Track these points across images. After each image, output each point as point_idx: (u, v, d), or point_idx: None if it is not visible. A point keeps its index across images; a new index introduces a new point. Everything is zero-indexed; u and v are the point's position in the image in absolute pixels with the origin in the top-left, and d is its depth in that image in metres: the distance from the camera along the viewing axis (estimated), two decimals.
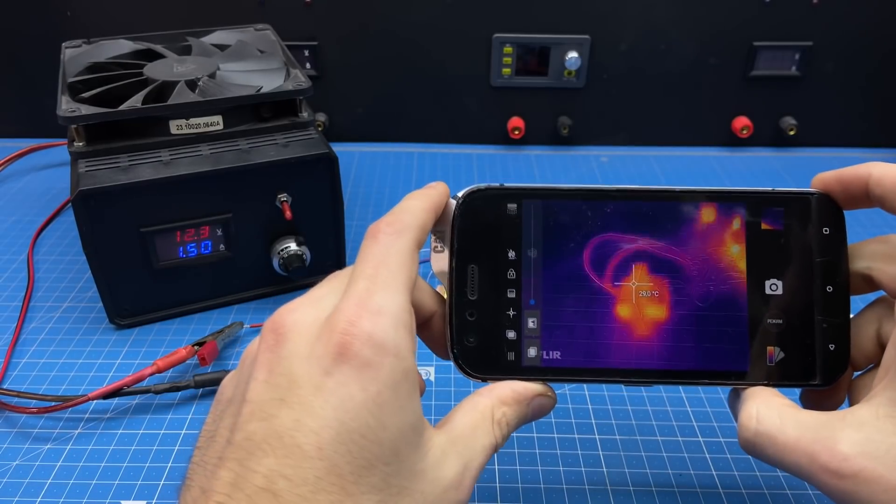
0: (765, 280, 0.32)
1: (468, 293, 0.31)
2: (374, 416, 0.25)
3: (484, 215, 0.32)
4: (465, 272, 0.31)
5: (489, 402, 0.30)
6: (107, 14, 0.74)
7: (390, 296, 0.26)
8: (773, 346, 0.31)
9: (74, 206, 0.47)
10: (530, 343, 0.31)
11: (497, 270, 0.31)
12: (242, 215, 0.52)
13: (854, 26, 0.75)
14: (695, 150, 0.82)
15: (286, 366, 0.26)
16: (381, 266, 0.27)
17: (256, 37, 0.64)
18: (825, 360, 0.31)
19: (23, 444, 0.44)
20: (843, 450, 0.26)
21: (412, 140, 0.82)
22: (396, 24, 0.75)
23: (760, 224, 0.32)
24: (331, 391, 0.25)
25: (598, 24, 0.75)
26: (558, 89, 0.78)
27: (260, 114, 0.54)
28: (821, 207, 0.32)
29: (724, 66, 0.77)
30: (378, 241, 0.28)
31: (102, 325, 0.53)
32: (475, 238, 0.31)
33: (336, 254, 0.57)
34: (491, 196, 0.32)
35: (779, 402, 0.30)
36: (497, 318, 0.31)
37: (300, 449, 0.24)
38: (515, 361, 0.31)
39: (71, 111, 0.49)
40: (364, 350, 0.25)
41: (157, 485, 0.41)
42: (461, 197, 0.32)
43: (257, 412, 0.25)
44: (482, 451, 0.28)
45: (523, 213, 0.32)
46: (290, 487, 0.23)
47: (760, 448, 0.29)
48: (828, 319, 0.31)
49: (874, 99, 0.79)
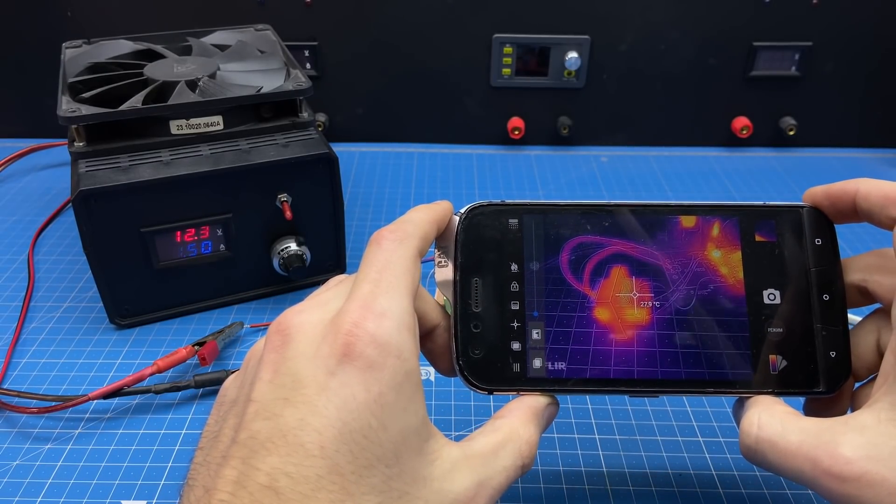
0: (763, 290, 0.32)
1: (473, 305, 0.32)
2: (375, 416, 0.25)
3: (486, 230, 0.32)
4: (470, 285, 0.32)
5: (512, 425, 0.30)
6: (107, 14, 0.74)
7: (394, 299, 0.27)
8: (775, 355, 0.32)
9: (75, 206, 0.47)
10: (535, 354, 0.32)
11: (500, 283, 0.32)
12: (242, 215, 0.52)
13: (854, 26, 0.75)
14: (695, 150, 0.82)
15: (291, 366, 0.26)
16: (385, 271, 0.28)
17: (256, 37, 0.64)
18: (827, 368, 0.32)
19: (23, 443, 0.44)
20: (846, 454, 0.26)
21: (412, 140, 0.82)
22: (397, 25, 0.75)
23: (755, 236, 0.33)
24: (334, 391, 0.25)
25: (598, 24, 0.75)
26: (558, 89, 0.78)
27: (260, 114, 0.54)
28: (812, 219, 0.33)
29: (724, 66, 0.77)
30: (382, 247, 0.28)
31: (103, 325, 0.53)
32: (478, 252, 0.32)
33: (336, 254, 0.57)
34: (492, 212, 0.33)
35: (781, 409, 0.30)
36: (502, 329, 0.32)
37: (303, 447, 0.24)
38: (521, 373, 0.31)
39: (71, 111, 0.49)
40: (367, 350, 0.25)
41: (157, 485, 0.41)
42: (464, 213, 0.32)
43: (262, 411, 0.25)
44: (503, 472, 0.28)
45: (524, 227, 0.33)
46: (291, 485, 0.23)
47: (762, 455, 0.29)
48: (826, 327, 0.32)
49: (874, 99, 0.79)
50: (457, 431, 0.45)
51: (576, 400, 0.47)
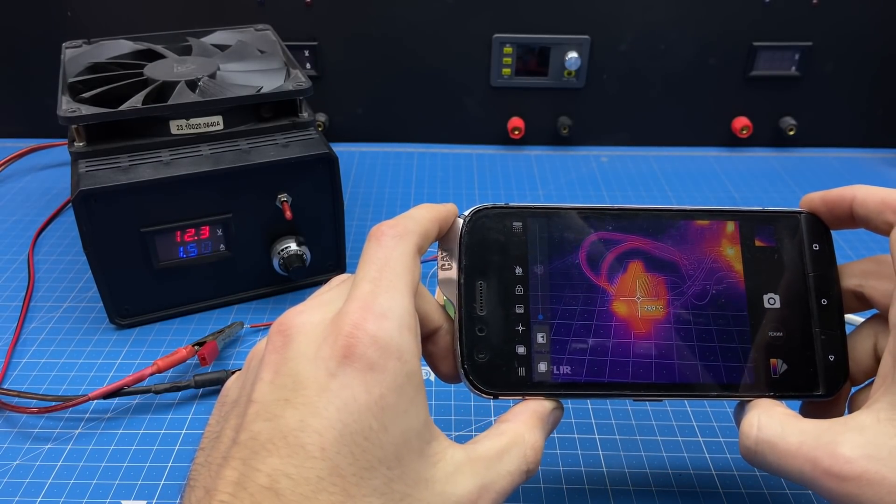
0: (763, 294, 0.33)
1: (477, 309, 0.31)
2: (376, 418, 0.25)
3: (490, 233, 0.32)
4: (474, 288, 0.32)
5: (517, 429, 0.30)
6: (107, 14, 0.74)
7: (394, 298, 0.27)
8: (776, 359, 0.32)
9: (75, 206, 0.47)
10: (540, 358, 0.31)
11: (505, 286, 0.32)
12: (242, 215, 0.52)
13: (854, 26, 0.75)
14: (694, 150, 0.82)
15: (292, 367, 0.26)
16: (385, 269, 0.27)
17: (257, 37, 0.64)
18: (826, 371, 0.32)
19: (23, 443, 0.44)
20: (846, 453, 0.26)
21: (412, 140, 0.82)
22: (397, 25, 0.75)
23: (755, 241, 0.33)
24: (335, 393, 0.25)
25: (597, 24, 0.75)
26: (558, 89, 0.78)
27: (260, 114, 0.54)
28: (809, 225, 0.33)
29: (724, 67, 0.77)
30: (381, 243, 0.28)
31: (103, 325, 0.53)
32: (483, 254, 0.32)
33: (336, 254, 0.57)
34: (497, 214, 0.33)
35: (780, 411, 0.30)
36: (507, 333, 0.31)
37: (304, 449, 0.24)
38: (526, 377, 0.31)
39: (71, 111, 0.49)
40: (368, 352, 0.25)
41: (157, 485, 0.41)
42: (468, 215, 0.32)
43: (262, 412, 0.25)
44: (507, 476, 0.28)
45: (528, 230, 0.32)
46: (292, 486, 0.23)
47: (762, 456, 0.29)
48: (825, 331, 0.32)
49: (874, 99, 0.79)
50: (457, 432, 0.45)
51: (576, 401, 0.47)
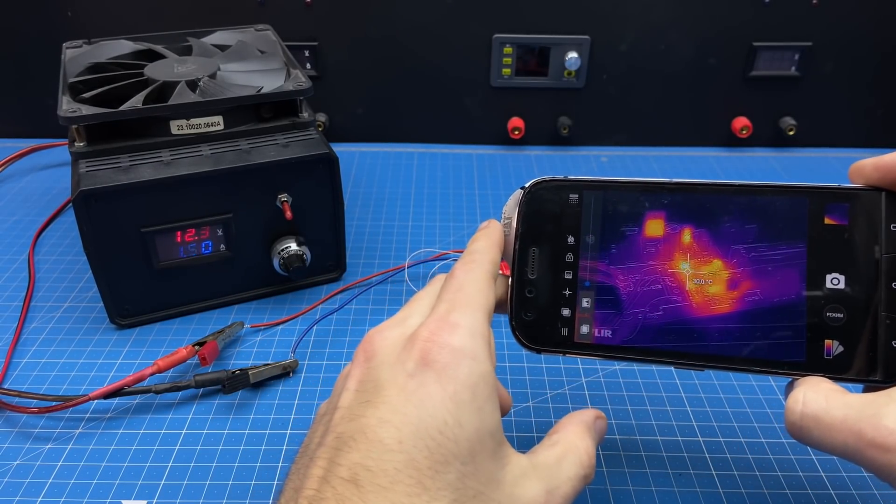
0: (826, 274, 0.32)
1: (528, 272, 0.34)
2: (451, 413, 0.26)
3: (547, 203, 0.34)
4: (528, 254, 0.34)
5: (569, 438, 0.31)
6: (107, 14, 0.74)
7: (466, 314, 0.29)
8: (831, 340, 0.31)
9: (75, 206, 0.47)
10: (584, 321, 0.33)
11: (557, 253, 0.34)
12: (243, 215, 0.52)
13: (854, 26, 0.75)
14: (694, 150, 0.82)
15: (374, 375, 0.29)
16: (459, 291, 0.30)
17: (257, 37, 0.64)
18: (887, 357, 0.31)
19: (23, 443, 0.44)
20: (889, 424, 0.27)
21: (412, 140, 0.82)
22: (397, 25, 0.75)
23: (824, 219, 0.32)
24: (412, 391, 0.27)
25: (598, 24, 0.75)
26: (558, 89, 0.78)
27: (260, 114, 0.54)
28: (890, 204, 0.31)
29: (724, 66, 0.77)
30: (455, 276, 0.31)
31: (103, 325, 0.54)
32: (538, 223, 0.34)
33: (336, 254, 0.57)
34: (554, 186, 0.34)
35: (826, 386, 0.30)
36: (554, 296, 0.33)
37: (382, 443, 0.26)
38: (569, 337, 0.33)
39: (72, 111, 0.49)
40: (443, 354, 0.27)
41: (157, 484, 0.41)
42: (528, 187, 0.34)
43: (346, 415, 0.28)
44: (568, 481, 0.29)
45: (584, 202, 0.34)
46: (370, 478, 0.25)
47: (807, 431, 0.29)
48: (892, 316, 0.31)
49: (874, 99, 0.79)
50: None
51: (575, 400, 0.47)
